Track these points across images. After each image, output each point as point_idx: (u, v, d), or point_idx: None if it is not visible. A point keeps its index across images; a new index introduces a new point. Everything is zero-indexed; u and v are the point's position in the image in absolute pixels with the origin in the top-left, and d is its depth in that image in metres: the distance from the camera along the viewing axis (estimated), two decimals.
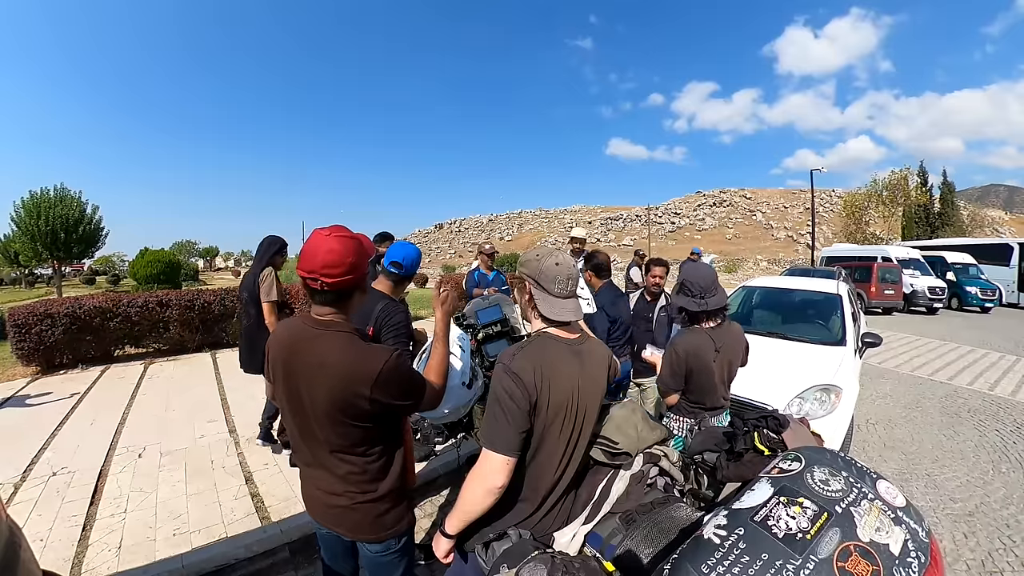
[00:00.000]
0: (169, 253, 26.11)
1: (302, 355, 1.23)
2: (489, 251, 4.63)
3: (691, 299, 2.05)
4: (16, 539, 0.82)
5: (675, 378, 2.07)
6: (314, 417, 1.23)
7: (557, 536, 1.25)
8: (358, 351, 1.21)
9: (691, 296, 2.05)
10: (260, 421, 3.51)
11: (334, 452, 1.25)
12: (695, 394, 2.08)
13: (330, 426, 1.22)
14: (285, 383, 1.26)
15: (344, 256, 1.17)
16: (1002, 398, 5.27)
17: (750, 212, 56.27)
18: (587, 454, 1.38)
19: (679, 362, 2.04)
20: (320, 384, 1.19)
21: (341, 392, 1.17)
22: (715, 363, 2.03)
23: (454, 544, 1.24)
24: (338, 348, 1.20)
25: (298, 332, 1.26)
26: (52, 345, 5.79)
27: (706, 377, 2.03)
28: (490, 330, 2.66)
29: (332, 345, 1.20)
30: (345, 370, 1.18)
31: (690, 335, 2.07)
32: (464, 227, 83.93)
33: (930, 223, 35.27)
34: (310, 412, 1.23)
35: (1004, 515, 2.88)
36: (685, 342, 2.05)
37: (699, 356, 2.01)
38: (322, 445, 1.25)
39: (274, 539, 2.43)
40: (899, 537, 0.86)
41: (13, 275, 38.35)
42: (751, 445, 1.37)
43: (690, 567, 0.87)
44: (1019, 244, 15.52)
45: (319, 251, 1.17)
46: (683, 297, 2.09)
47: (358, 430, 1.23)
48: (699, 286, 2.04)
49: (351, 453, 1.25)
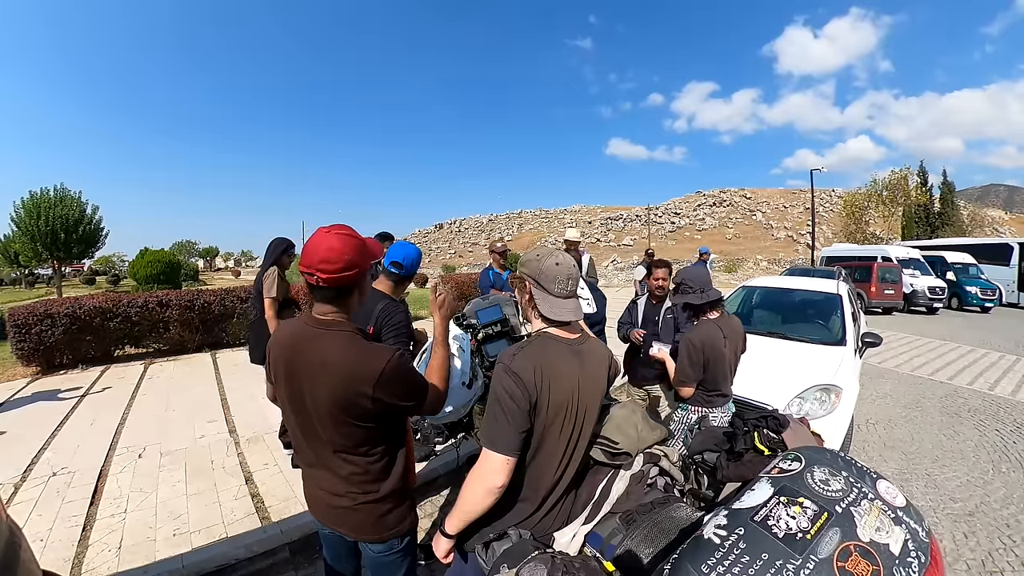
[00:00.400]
0: (169, 253, 26.08)
1: (304, 354, 1.22)
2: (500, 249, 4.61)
3: (693, 294, 2.23)
4: (16, 539, 0.82)
5: (695, 368, 2.18)
6: (317, 417, 1.23)
7: (557, 536, 1.25)
8: (360, 350, 1.21)
9: (692, 292, 2.23)
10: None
11: (337, 452, 1.25)
12: (711, 382, 2.21)
13: (333, 426, 1.22)
14: (287, 383, 1.26)
15: (343, 253, 1.18)
16: (1002, 398, 5.27)
17: (750, 212, 56.26)
18: (587, 454, 1.38)
19: (697, 352, 2.17)
20: (322, 383, 1.19)
21: (343, 391, 1.17)
22: (726, 350, 2.20)
23: (454, 544, 1.24)
24: (340, 347, 1.20)
25: (300, 332, 1.26)
26: (52, 345, 5.79)
27: (721, 364, 2.19)
28: (490, 330, 2.66)
29: (334, 344, 1.20)
30: (347, 369, 1.18)
31: (701, 326, 2.23)
32: (464, 227, 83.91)
33: (930, 223, 35.24)
34: (312, 412, 1.23)
35: (1004, 515, 2.88)
36: (700, 332, 2.20)
37: (714, 345, 2.17)
38: (325, 445, 1.25)
39: (274, 539, 2.43)
40: (899, 537, 0.87)
41: (13, 275, 38.35)
42: (751, 445, 1.38)
43: (690, 567, 0.87)
44: (1019, 244, 15.51)
45: (319, 247, 1.17)
46: (685, 295, 2.24)
47: (360, 430, 1.23)
48: (697, 283, 2.23)
49: (354, 453, 1.25)
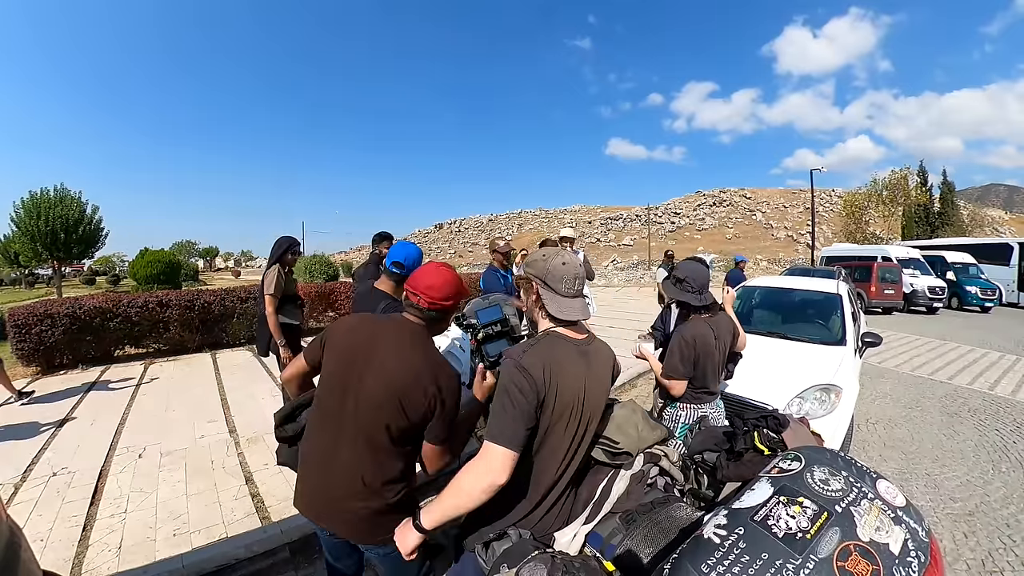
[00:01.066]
0: (169, 253, 26.07)
1: (383, 338, 1.32)
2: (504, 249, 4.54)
3: (693, 295, 2.22)
4: (17, 539, 0.82)
5: (686, 364, 2.16)
6: (364, 400, 1.25)
7: (558, 536, 1.25)
8: (439, 356, 1.35)
9: (691, 292, 2.22)
10: None
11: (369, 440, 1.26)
12: (699, 380, 2.21)
13: (377, 411, 1.24)
14: (350, 365, 1.30)
15: (446, 286, 1.36)
16: (1002, 397, 5.27)
17: (750, 212, 56.24)
18: (588, 454, 1.38)
19: (689, 348, 2.15)
20: (392, 368, 1.26)
21: (413, 380, 1.25)
22: (716, 349, 2.20)
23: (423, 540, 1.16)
24: (421, 345, 1.34)
25: (385, 322, 1.39)
26: (52, 345, 5.79)
27: (711, 362, 2.18)
28: (490, 330, 2.66)
29: (417, 341, 1.34)
30: (422, 364, 1.28)
31: (694, 324, 2.22)
32: (464, 227, 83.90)
33: (930, 223, 35.23)
34: (362, 396, 1.26)
35: (1004, 514, 2.88)
36: (692, 329, 2.18)
37: (706, 342, 2.16)
38: (357, 432, 1.27)
39: (274, 539, 2.43)
40: (899, 537, 0.86)
41: (13, 275, 38.34)
42: (751, 445, 1.38)
43: (690, 567, 0.86)
44: (1019, 244, 15.51)
45: (428, 276, 1.37)
46: (685, 293, 2.23)
47: (405, 423, 1.26)
48: (698, 283, 2.21)
49: (385, 445, 1.27)
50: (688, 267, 2.27)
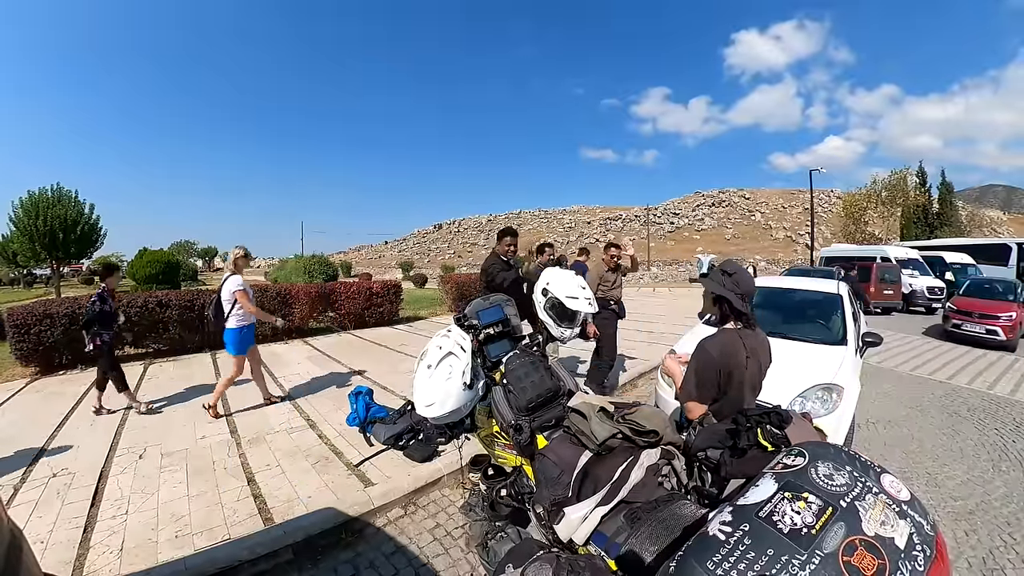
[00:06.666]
0: (168, 253, 25.99)
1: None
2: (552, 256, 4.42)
3: (736, 296, 1.88)
4: (18, 541, 0.82)
5: (703, 388, 1.83)
6: None
7: (568, 512, 1.25)
8: None
9: (737, 294, 1.88)
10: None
11: None
12: (728, 407, 1.80)
13: None
14: None
15: None
16: (1001, 397, 5.28)
17: (749, 212, 56.31)
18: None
19: (710, 370, 1.81)
20: None
21: None
22: (746, 368, 1.85)
23: None
24: None
25: None
26: (51, 345, 5.79)
27: (740, 384, 1.84)
28: (491, 330, 2.66)
29: None
30: None
31: (720, 335, 1.90)
32: (463, 227, 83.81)
33: (929, 223, 35.27)
34: None
35: (1004, 513, 2.88)
36: (717, 342, 1.86)
37: (733, 352, 1.82)
38: None
39: (277, 540, 2.42)
40: (904, 531, 0.87)
41: (12, 275, 38.24)
42: (754, 441, 1.38)
43: (696, 564, 0.87)
44: (1017, 244, 15.53)
45: None
46: (728, 290, 1.89)
47: None
48: (744, 287, 1.88)
49: None
50: (739, 267, 1.97)
